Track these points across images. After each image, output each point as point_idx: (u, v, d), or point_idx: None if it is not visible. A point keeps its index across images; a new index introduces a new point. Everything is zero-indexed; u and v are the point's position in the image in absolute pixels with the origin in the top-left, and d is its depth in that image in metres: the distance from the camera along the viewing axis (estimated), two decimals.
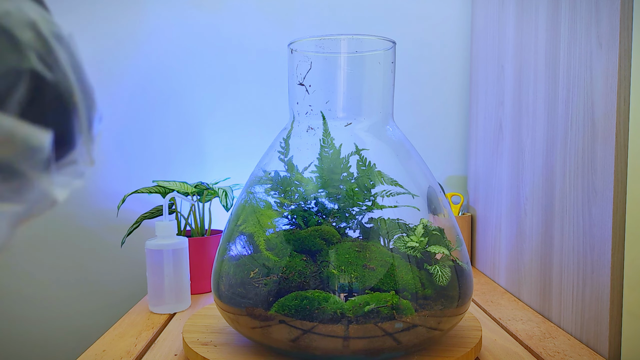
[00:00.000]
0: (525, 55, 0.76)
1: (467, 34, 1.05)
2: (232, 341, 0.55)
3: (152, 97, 1.01)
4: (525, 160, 0.75)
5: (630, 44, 0.52)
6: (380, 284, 0.48)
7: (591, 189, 0.58)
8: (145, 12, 1.00)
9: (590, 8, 0.58)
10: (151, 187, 0.85)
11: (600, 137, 0.56)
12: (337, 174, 0.55)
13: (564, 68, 0.64)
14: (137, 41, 1.00)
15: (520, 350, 0.58)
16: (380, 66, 0.56)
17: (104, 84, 0.99)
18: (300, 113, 0.57)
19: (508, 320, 0.68)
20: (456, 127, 1.07)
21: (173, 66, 1.01)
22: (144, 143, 1.01)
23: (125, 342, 0.60)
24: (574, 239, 0.61)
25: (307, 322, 0.46)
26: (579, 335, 0.60)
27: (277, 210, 0.55)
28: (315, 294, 0.47)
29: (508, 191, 0.82)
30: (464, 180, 1.07)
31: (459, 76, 1.06)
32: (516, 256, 0.79)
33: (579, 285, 0.60)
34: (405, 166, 0.57)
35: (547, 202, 0.69)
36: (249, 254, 0.53)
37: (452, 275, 0.51)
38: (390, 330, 0.46)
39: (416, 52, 1.05)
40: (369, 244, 0.52)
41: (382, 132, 0.57)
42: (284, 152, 0.56)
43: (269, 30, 1.02)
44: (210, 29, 1.02)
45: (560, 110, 0.65)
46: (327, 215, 0.54)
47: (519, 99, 0.78)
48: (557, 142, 0.66)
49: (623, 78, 0.52)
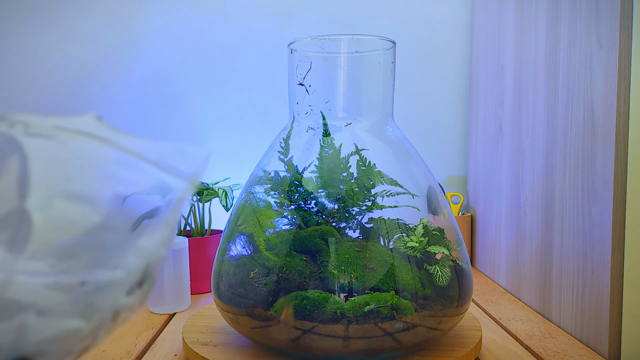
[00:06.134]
0: (525, 55, 0.76)
1: (467, 33, 1.05)
2: (232, 341, 0.55)
3: (152, 97, 1.01)
4: (525, 160, 0.75)
5: (630, 44, 0.52)
6: (380, 284, 0.48)
7: (591, 189, 0.58)
8: (146, 13, 1.00)
9: (590, 8, 0.58)
10: None
11: (600, 137, 0.56)
12: (337, 174, 0.55)
13: (564, 68, 0.64)
14: (137, 42, 1.00)
15: (520, 350, 0.58)
16: (380, 66, 0.56)
17: (104, 84, 0.99)
18: (300, 113, 0.57)
19: (508, 320, 0.68)
20: (456, 127, 1.07)
21: (173, 66, 1.01)
22: None
23: (125, 342, 0.60)
24: (574, 239, 0.61)
25: (307, 322, 0.46)
26: (579, 335, 0.60)
27: (277, 210, 0.55)
28: (315, 294, 0.47)
29: (508, 191, 0.82)
30: (464, 180, 1.07)
31: (459, 76, 1.06)
32: (516, 256, 0.79)
33: (579, 285, 0.60)
34: (405, 166, 0.57)
35: (547, 202, 0.69)
36: (249, 254, 0.53)
37: (452, 275, 0.51)
38: (390, 330, 0.46)
39: (416, 52, 1.05)
40: (369, 244, 0.52)
41: (382, 132, 0.57)
42: (284, 152, 0.56)
43: (269, 30, 1.02)
44: (210, 29, 1.02)
45: (560, 110, 0.65)
46: (327, 215, 0.54)
47: (519, 99, 0.78)
48: (557, 142, 0.66)
49: (623, 78, 0.52)
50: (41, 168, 0.21)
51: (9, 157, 0.21)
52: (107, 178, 0.23)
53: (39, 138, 0.22)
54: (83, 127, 0.22)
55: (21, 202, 0.21)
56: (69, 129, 0.22)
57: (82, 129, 0.22)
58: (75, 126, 0.22)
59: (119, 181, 0.23)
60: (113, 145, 0.23)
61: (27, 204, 0.21)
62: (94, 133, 0.23)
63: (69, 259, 0.20)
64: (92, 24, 0.98)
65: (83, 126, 0.23)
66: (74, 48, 0.97)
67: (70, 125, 0.22)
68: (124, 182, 0.23)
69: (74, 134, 0.22)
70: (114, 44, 0.99)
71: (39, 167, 0.21)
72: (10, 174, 0.21)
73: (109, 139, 0.23)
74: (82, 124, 0.23)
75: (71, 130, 0.22)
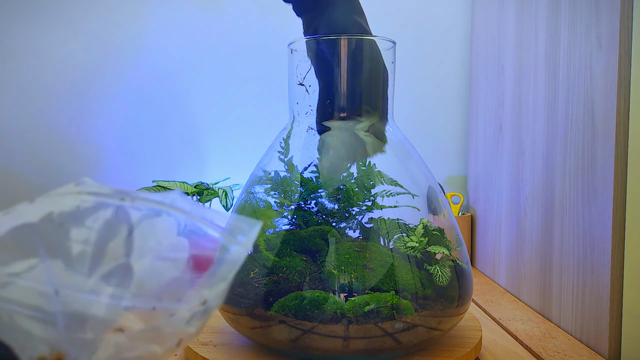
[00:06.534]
0: (525, 55, 0.76)
1: (467, 33, 1.05)
2: (232, 341, 0.55)
3: (152, 97, 1.01)
4: (525, 160, 0.75)
5: (630, 44, 0.52)
6: (380, 284, 0.48)
7: (591, 189, 0.58)
8: (146, 13, 1.00)
9: (590, 8, 0.58)
10: (151, 187, 0.85)
11: (600, 137, 0.56)
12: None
13: (564, 68, 0.64)
14: (138, 42, 1.00)
15: (520, 350, 0.58)
16: (380, 66, 0.56)
17: (104, 84, 0.99)
18: (300, 113, 0.57)
19: (508, 320, 0.68)
20: (456, 127, 1.07)
21: (173, 66, 1.01)
22: (144, 143, 1.01)
23: None
24: (574, 239, 0.61)
25: (307, 322, 0.46)
26: (579, 335, 0.60)
27: (277, 211, 0.55)
28: (315, 294, 0.47)
29: (508, 191, 0.82)
30: (464, 180, 1.07)
31: (459, 76, 1.06)
32: (516, 256, 0.79)
33: (579, 285, 0.60)
34: (405, 166, 0.57)
35: (547, 202, 0.69)
36: (249, 254, 0.53)
37: (452, 275, 0.51)
38: (390, 330, 0.46)
39: (416, 52, 1.05)
40: (369, 244, 0.52)
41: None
42: (284, 152, 0.56)
43: (269, 30, 1.02)
44: (210, 29, 1.02)
45: (560, 110, 0.65)
46: (327, 215, 0.54)
47: (519, 99, 0.78)
48: (557, 142, 0.66)
49: (623, 78, 0.52)
50: (141, 233, 0.31)
51: (120, 223, 0.31)
52: (185, 242, 0.32)
53: (141, 210, 0.31)
54: (171, 201, 0.32)
55: (127, 258, 0.30)
56: (162, 202, 0.32)
57: (170, 203, 0.32)
58: (166, 200, 0.32)
59: (193, 245, 0.32)
60: (191, 216, 0.32)
61: (131, 260, 0.30)
62: (179, 206, 0.32)
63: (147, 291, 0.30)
64: (94, 24, 0.98)
65: (171, 200, 0.32)
66: (77, 47, 0.97)
67: (163, 200, 0.32)
68: (197, 245, 0.32)
69: (165, 207, 0.32)
70: (116, 43, 0.99)
71: (140, 232, 0.31)
72: (121, 236, 0.30)
73: (189, 211, 0.33)
74: (170, 199, 0.32)
75: (163, 203, 0.32)
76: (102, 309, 0.28)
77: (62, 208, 0.30)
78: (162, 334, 0.29)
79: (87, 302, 0.28)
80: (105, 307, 0.28)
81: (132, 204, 0.31)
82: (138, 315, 0.29)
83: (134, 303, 0.28)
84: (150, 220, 0.31)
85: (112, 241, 0.30)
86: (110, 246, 0.30)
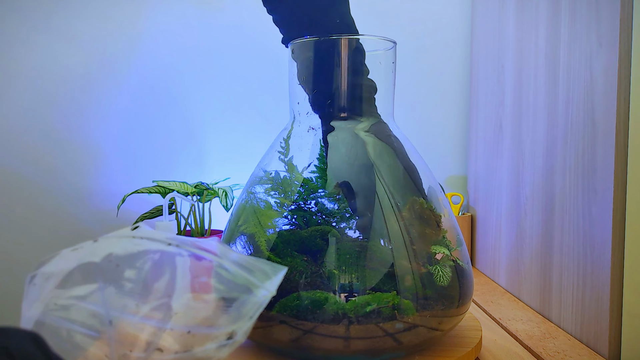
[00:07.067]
0: (525, 55, 0.76)
1: (467, 33, 1.05)
2: None
3: (152, 97, 1.01)
4: (525, 160, 0.75)
5: (630, 44, 0.52)
6: (381, 284, 0.48)
7: (591, 189, 0.58)
8: (147, 13, 1.00)
9: (590, 8, 0.58)
10: (151, 187, 0.85)
11: (600, 137, 0.56)
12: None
13: (564, 68, 0.64)
14: (138, 42, 1.00)
15: (520, 350, 0.58)
16: (381, 66, 0.56)
17: (104, 84, 0.99)
18: (300, 113, 0.57)
19: (508, 320, 0.68)
20: (456, 127, 1.07)
21: (173, 67, 1.01)
22: (144, 143, 1.01)
23: None
24: (574, 239, 0.62)
25: (308, 322, 0.46)
26: (579, 335, 0.60)
27: (277, 211, 0.55)
28: (316, 295, 0.47)
29: (508, 191, 0.82)
30: (464, 180, 1.07)
31: (459, 76, 1.06)
32: (516, 256, 0.79)
33: (579, 285, 0.60)
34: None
35: (547, 202, 0.69)
36: (250, 254, 0.53)
37: (453, 275, 0.51)
38: (391, 330, 0.46)
39: (416, 52, 1.05)
40: (369, 243, 0.52)
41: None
42: (284, 152, 0.56)
43: (269, 30, 1.02)
44: (210, 29, 1.02)
45: (560, 110, 0.65)
46: (327, 215, 0.54)
47: (519, 98, 0.78)
48: (557, 142, 0.66)
49: (623, 78, 0.52)
50: (182, 275, 0.37)
51: (165, 266, 0.37)
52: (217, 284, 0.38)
53: (184, 255, 0.38)
54: (209, 246, 0.38)
55: (168, 298, 0.36)
56: (201, 247, 0.37)
57: (208, 248, 0.38)
58: (205, 246, 0.38)
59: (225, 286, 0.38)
60: (225, 260, 0.38)
61: (172, 300, 0.36)
62: (214, 251, 0.38)
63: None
64: (94, 24, 0.98)
65: (209, 246, 0.38)
66: (77, 47, 0.97)
67: (202, 245, 0.37)
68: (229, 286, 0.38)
69: (202, 251, 0.38)
70: (116, 43, 0.99)
71: (181, 274, 0.37)
72: (165, 278, 0.37)
73: (223, 256, 0.38)
74: (208, 245, 0.38)
75: (201, 248, 0.38)
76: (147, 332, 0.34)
77: (119, 251, 0.36)
78: (195, 357, 0.35)
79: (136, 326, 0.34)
80: (150, 330, 0.34)
81: (178, 250, 0.37)
82: (175, 338, 0.35)
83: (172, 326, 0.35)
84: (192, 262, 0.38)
85: (157, 282, 0.37)
86: (155, 286, 0.36)
